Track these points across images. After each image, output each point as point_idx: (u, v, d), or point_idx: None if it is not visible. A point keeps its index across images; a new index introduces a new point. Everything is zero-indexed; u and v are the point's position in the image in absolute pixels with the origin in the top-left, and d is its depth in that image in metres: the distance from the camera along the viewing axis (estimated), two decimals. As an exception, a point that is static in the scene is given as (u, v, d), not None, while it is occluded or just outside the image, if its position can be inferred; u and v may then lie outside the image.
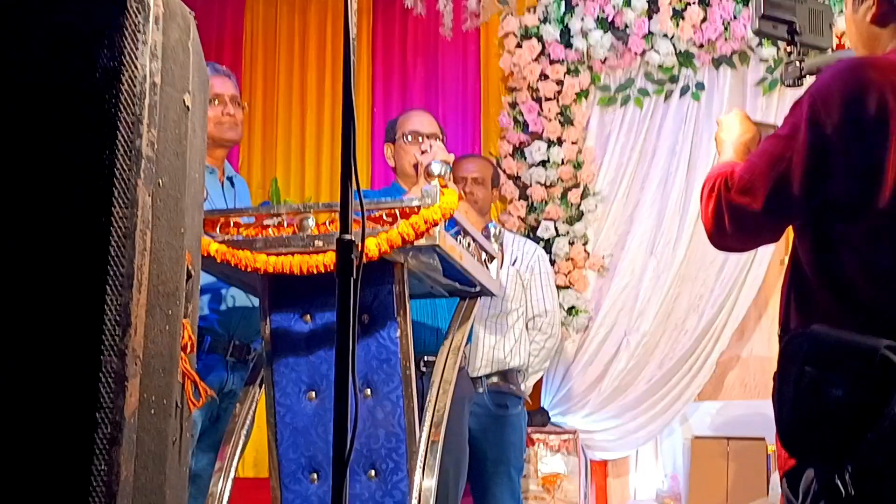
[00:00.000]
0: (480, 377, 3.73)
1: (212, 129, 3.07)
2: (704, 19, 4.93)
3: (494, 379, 3.79)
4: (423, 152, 3.08)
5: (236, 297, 3.02)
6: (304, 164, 5.75)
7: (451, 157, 2.84)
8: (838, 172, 1.77)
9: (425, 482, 2.35)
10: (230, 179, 3.25)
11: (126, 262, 1.51)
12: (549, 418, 4.80)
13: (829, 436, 1.71)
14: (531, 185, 5.08)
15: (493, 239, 2.79)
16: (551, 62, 5.14)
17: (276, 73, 5.81)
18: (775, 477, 4.23)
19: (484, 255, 2.70)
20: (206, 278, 2.65)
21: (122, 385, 1.47)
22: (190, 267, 1.78)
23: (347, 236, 1.52)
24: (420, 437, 2.42)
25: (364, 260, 1.64)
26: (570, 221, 5.03)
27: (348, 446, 1.45)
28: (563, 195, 5.06)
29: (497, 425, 3.67)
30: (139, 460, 1.51)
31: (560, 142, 5.10)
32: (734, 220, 1.86)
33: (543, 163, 5.09)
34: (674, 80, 5.07)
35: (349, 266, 1.47)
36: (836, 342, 1.73)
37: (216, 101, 3.09)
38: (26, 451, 1.44)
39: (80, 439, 1.44)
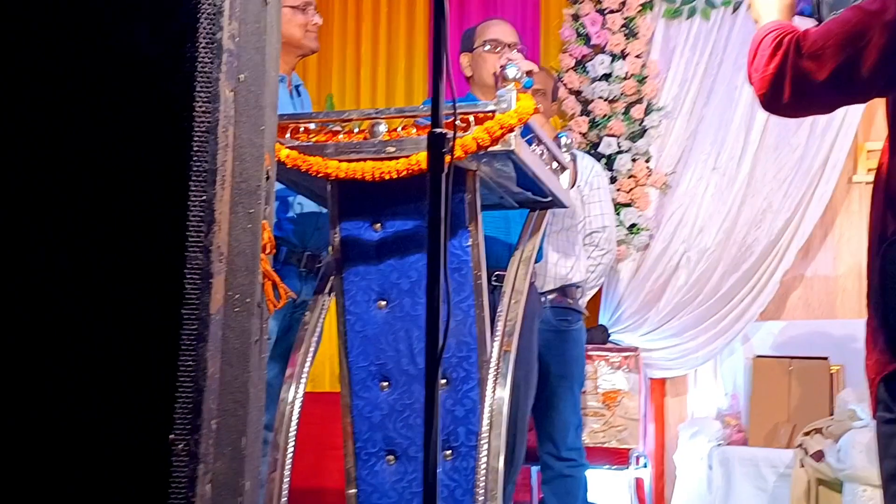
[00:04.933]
0: (543, 293, 3.70)
1: (300, 36, 3.03)
2: (776, -73, 4.75)
3: (556, 295, 3.76)
4: (504, 63, 3.01)
5: (304, 204, 3.00)
6: (360, 80, 5.69)
7: (535, 68, 2.76)
8: None
9: (498, 391, 2.33)
10: (297, 88, 3.21)
11: (209, 158, 1.47)
12: (609, 335, 4.78)
13: None
14: (593, 100, 4.99)
15: (564, 149, 2.72)
16: (616, -28, 5.01)
17: (332, -17, 5.73)
18: (841, 395, 4.19)
19: (556, 165, 2.64)
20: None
21: (207, 282, 1.45)
22: (268, 168, 1.75)
23: (439, 129, 1.47)
24: (492, 346, 2.40)
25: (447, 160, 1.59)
26: (633, 137, 4.94)
27: (441, 344, 1.42)
28: (626, 110, 4.96)
29: (560, 340, 3.65)
30: (225, 358, 1.50)
31: (623, 55, 4.99)
32: (795, 84, 1.77)
33: (606, 77, 4.98)
34: (742, -10, 4.92)
35: (440, 160, 1.43)
36: None
37: (308, 9, 3.03)
38: (112, 349, 1.43)
39: (166, 336, 1.43)
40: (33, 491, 1.38)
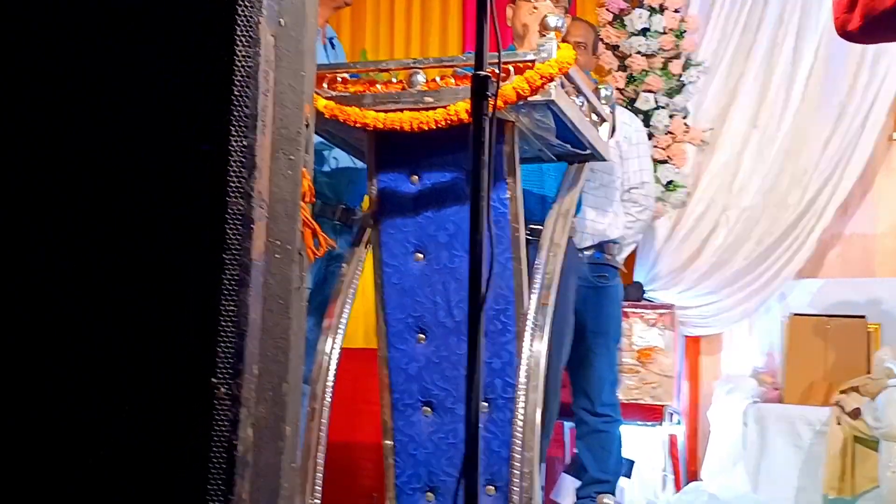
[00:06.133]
0: (581, 249, 3.68)
1: None
2: None
3: (594, 250, 3.74)
4: (531, 13, 2.99)
5: (339, 159, 2.99)
6: (394, 33, 5.65)
7: (564, 21, 2.72)
8: None
9: (535, 344, 2.33)
10: (331, 41, 3.19)
11: (250, 103, 1.46)
12: (644, 292, 4.75)
13: None
14: (631, 55, 4.93)
15: (603, 101, 2.69)
16: (655, -75, 4.93)
17: (365, -64, 5.69)
18: (878, 354, 4.15)
19: (595, 117, 2.61)
20: (309, 138, 2.61)
21: (248, 227, 1.45)
22: (307, 116, 1.73)
23: (483, 72, 1.45)
24: (529, 300, 2.39)
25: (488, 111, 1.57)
26: (671, 93, 4.88)
27: (482, 297, 1.41)
28: (664, 66, 4.90)
29: (597, 296, 3.64)
30: (266, 303, 1.50)
31: (662, 9, 4.91)
32: (867, 10, 1.76)
33: (644, 31, 4.92)
34: (785, -57, 4.82)
35: (484, 104, 1.41)
36: None
37: None
38: (155, 295, 1.44)
39: (208, 281, 1.43)
40: (79, 434, 1.39)
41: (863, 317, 4.50)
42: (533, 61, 2.23)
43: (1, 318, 1.43)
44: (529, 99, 2.23)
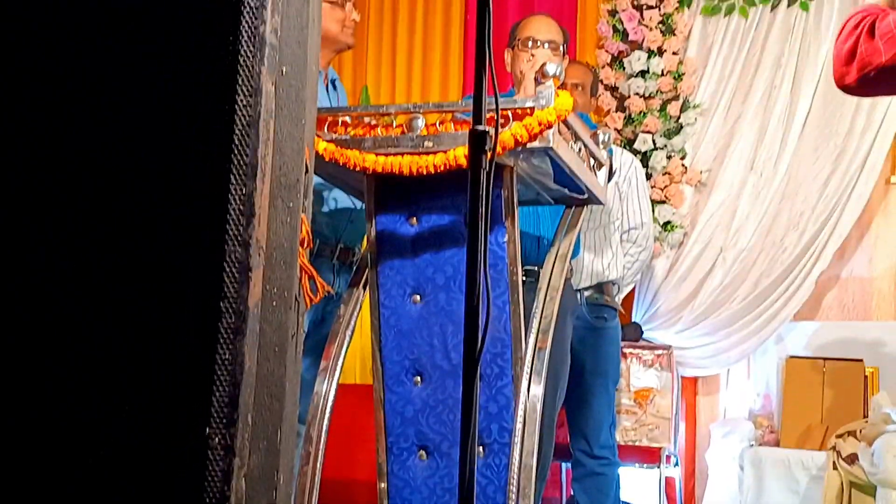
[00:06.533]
0: (579, 289, 3.68)
1: (337, 31, 3.03)
2: (818, -76, 4.71)
3: (592, 291, 3.75)
4: (528, 60, 3.01)
5: (338, 199, 3.00)
6: (395, 72, 5.68)
7: (562, 69, 2.74)
8: None
9: (532, 388, 2.33)
10: (333, 83, 3.21)
11: (250, 152, 1.47)
12: (643, 332, 4.75)
13: None
14: (629, 97, 4.96)
15: (601, 146, 2.71)
16: (654, -32, 4.98)
17: (368, -22, 5.74)
18: (875, 398, 4.14)
19: (593, 162, 2.63)
20: (309, 179, 2.63)
21: (245, 275, 1.45)
22: (308, 161, 1.75)
23: (481, 127, 1.47)
24: (526, 343, 2.39)
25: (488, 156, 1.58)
26: (669, 134, 4.91)
27: (479, 344, 1.42)
28: (662, 107, 4.93)
29: (595, 337, 3.64)
30: (261, 351, 1.50)
31: (660, 52, 4.96)
32: (862, 64, 1.78)
33: (643, 73, 4.95)
34: (782, -12, 4.87)
35: (481, 157, 1.42)
36: None
37: (346, 5, 3.04)
38: (151, 342, 1.44)
39: (204, 329, 1.43)
40: (71, 479, 1.39)
41: (860, 360, 4.50)
42: (531, 108, 2.25)
43: (1, 318, 1.43)
44: (528, 145, 2.24)
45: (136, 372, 1.43)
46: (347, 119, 2.46)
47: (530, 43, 3.13)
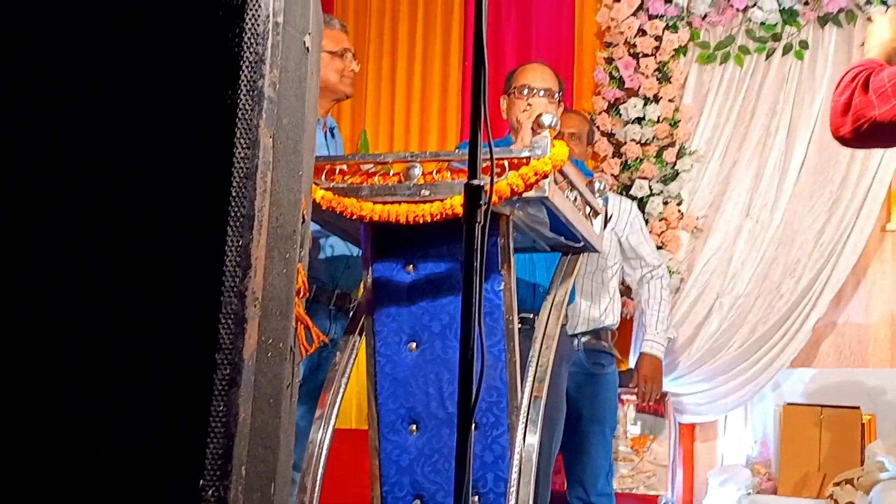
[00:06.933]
0: (577, 335, 3.69)
1: (336, 81, 3.06)
2: (811, -25, 4.76)
3: (589, 337, 3.74)
4: (524, 109, 3.04)
5: (335, 247, 3.01)
6: (394, 117, 5.72)
7: (557, 119, 2.76)
8: None
9: (528, 438, 2.32)
10: (331, 130, 3.23)
11: (247, 204, 1.48)
12: (639, 379, 4.74)
13: None
14: (626, 143, 4.99)
15: (597, 194, 2.72)
16: (650, 17, 5.03)
17: (367, 25, 5.78)
18: (870, 447, 4.13)
19: (588, 210, 2.64)
20: (307, 226, 2.64)
21: (241, 327, 1.46)
22: (304, 212, 1.76)
23: (476, 181, 1.48)
24: (522, 392, 2.39)
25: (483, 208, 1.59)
26: (665, 181, 4.93)
27: (474, 396, 1.42)
28: (659, 154, 4.96)
29: (592, 383, 3.63)
30: (256, 403, 1.50)
31: (656, 99, 4.99)
32: (857, 118, 1.80)
33: (639, 120, 4.99)
34: (776, 38, 4.92)
35: (476, 211, 1.43)
36: None
37: (345, 55, 3.07)
38: (146, 392, 1.44)
39: (199, 380, 1.43)
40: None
41: (857, 407, 4.49)
42: (528, 158, 2.27)
43: (1, 318, 1.43)
44: (524, 194, 2.26)
45: (132, 425, 1.43)
46: (345, 167, 2.47)
47: (526, 90, 3.16)
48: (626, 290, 4.47)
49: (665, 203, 4.91)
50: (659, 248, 4.85)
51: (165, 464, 1.38)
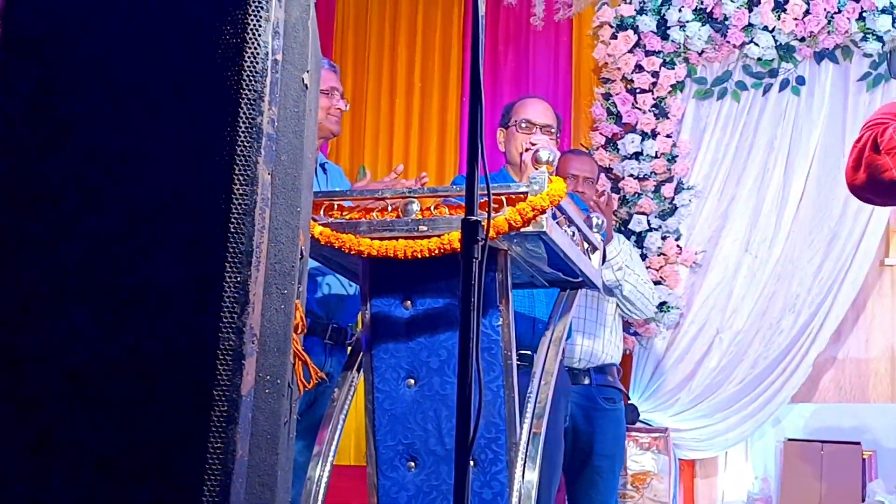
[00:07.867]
0: (588, 370, 3.68)
1: (322, 118, 3.07)
2: (807, 12, 4.79)
3: (600, 373, 3.74)
4: (528, 147, 3.05)
5: (332, 285, 3.01)
6: (392, 152, 5.74)
7: (556, 155, 2.77)
8: None
9: (527, 474, 2.31)
10: (322, 166, 3.25)
11: (245, 240, 1.49)
12: (639, 415, 4.72)
13: None
14: (623, 178, 5.01)
15: (595, 229, 2.73)
16: (647, 54, 5.06)
17: (365, 60, 5.81)
18: (871, 486, 4.11)
19: (587, 246, 2.64)
20: (305, 262, 2.64)
21: (239, 363, 1.46)
22: (302, 247, 1.76)
23: (473, 217, 1.48)
24: (521, 428, 2.38)
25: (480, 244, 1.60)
26: (663, 216, 4.94)
27: (472, 432, 1.41)
28: (657, 189, 4.97)
29: (605, 419, 3.63)
30: (253, 440, 1.50)
31: (654, 134, 5.01)
32: (870, 176, 1.83)
33: (637, 155, 5.01)
34: (773, 73, 4.95)
35: (474, 247, 1.43)
36: None
37: (331, 94, 3.08)
38: (143, 429, 1.43)
39: (197, 417, 1.43)
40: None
41: (858, 443, 4.47)
42: (525, 193, 2.27)
43: (1, 318, 1.43)
44: (522, 230, 2.26)
45: (130, 462, 1.42)
46: (344, 203, 2.48)
47: (525, 124, 3.17)
48: (626, 325, 4.47)
49: (663, 238, 4.92)
50: (657, 283, 4.85)
51: (163, 502, 1.38)
